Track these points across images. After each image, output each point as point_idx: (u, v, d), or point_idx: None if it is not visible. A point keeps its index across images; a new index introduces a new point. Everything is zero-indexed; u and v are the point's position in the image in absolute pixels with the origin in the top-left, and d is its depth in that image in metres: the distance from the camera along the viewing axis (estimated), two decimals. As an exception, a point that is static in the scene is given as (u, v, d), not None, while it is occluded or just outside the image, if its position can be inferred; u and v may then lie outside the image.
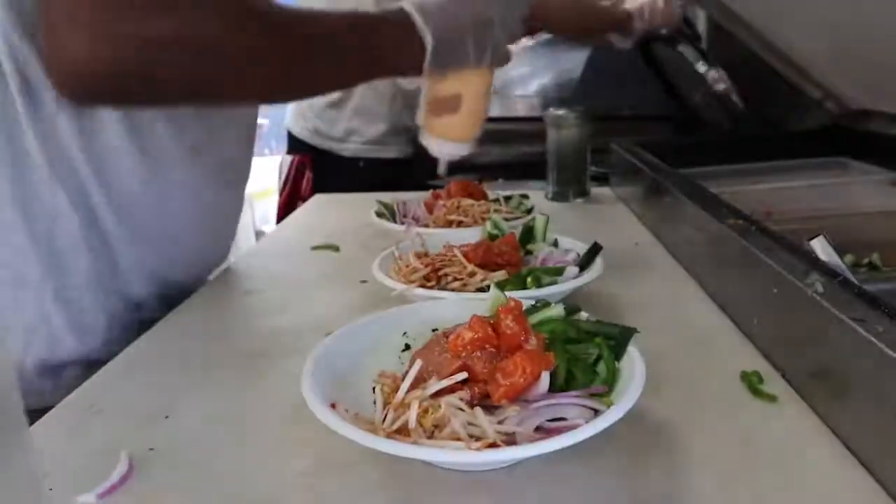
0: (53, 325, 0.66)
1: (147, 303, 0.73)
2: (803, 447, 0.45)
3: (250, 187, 0.87)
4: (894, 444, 0.39)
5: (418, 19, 0.63)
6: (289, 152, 1.63)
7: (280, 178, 1.64)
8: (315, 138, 1.56)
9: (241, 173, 0.83)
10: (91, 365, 0.62)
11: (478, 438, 0.39)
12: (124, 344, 0.65)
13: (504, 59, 0.70)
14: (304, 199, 1.46)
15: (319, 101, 1.53)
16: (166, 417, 0.52)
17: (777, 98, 1.38)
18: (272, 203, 3.59)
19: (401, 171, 1.57)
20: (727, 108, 1.43)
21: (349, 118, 1.52)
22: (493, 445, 0.38)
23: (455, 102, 0.69)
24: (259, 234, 3.14)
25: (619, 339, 0.48)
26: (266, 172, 3.67)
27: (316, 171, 1.57)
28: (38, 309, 0.65)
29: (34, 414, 0.54)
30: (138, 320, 0.71)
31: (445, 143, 0.72)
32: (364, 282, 0.78)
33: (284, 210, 1.56)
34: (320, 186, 1.53)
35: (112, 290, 0.69)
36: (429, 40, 0.63)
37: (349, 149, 1.54)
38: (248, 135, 0.82)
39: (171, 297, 0.75)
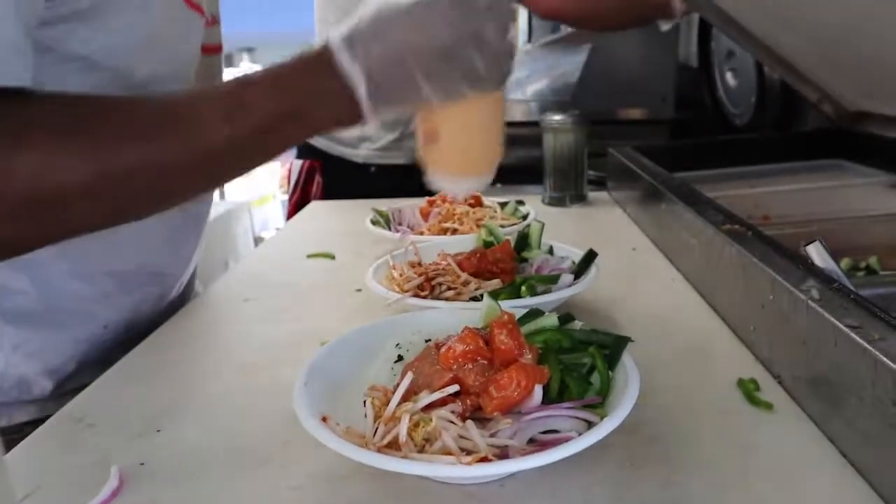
0: (25, 372, 0.65)
1: (114, 324, 0.70)
2: (800, 455, 0.44)
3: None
4: (891, 451, 0.39)
5: (345, 59, 0.49)
6: (298, 156, 1.63)
7: (290, 182, 1.64)
8: (326, 143, 1.55)
9: None
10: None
11: (470, 452, 0.39)
12: (103, 366, 0.64)
13: (494, 83, 0.54)
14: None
15: None
16: (158, 431, 0.51)
17: (773, 101, 1.37)
18: (271, 209, 3.60)
19: (408, 176, 1.56)
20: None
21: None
22: (485, 459, 0.38)
23: (434, 133, 0.57)
24: (258, 241, 3.14)
25: (613, 349, 0.47)
26: (264, 179, 3.68)
27: (326, 175, 1.56)
28: (4, 360, 0.64)
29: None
30: (112, 342, 0.69)
31: (437, 175, 0.59)
32: (359, 290, 0.78)
33: (295, 215, 1.56)
34: (330, 191, 1.53)
35: (76, 325, 0.67)
36: (359, 81, 0.49)
37: (360, 154, 1.53)
38: None
39: (137, 322, 0.72)
